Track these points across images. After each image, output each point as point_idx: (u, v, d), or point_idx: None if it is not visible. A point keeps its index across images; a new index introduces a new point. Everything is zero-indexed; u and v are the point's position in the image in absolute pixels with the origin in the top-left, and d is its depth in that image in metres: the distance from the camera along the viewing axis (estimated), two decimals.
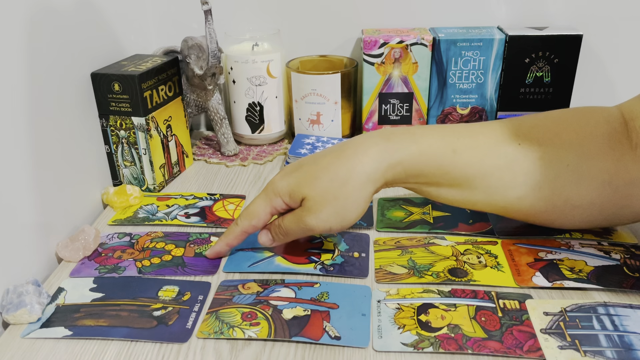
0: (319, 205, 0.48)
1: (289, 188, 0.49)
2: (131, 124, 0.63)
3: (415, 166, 0.49)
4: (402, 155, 0.49)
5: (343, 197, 0.48)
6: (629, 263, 0.50)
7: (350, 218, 0.49)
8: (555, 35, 0.72)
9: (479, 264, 0.51)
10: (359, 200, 0.49)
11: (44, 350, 0.43)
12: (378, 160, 0.48)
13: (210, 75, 0.71)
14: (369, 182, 0.48)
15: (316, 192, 0.48)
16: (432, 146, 0.49)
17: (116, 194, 0.63)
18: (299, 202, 0.49)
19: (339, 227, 0.49)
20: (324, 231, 0.49)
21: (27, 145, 0.51)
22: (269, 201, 0.50)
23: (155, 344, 0.43)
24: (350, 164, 0.48)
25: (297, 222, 0.49)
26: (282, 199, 0.50)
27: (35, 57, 0.52)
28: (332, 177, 0.48)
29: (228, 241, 0.52)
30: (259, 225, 0.51)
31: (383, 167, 0.48)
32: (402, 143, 0.49)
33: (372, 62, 0.75)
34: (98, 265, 0.53)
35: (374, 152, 0.49)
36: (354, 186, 0.48)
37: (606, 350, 0.41)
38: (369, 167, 0.48)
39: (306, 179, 0.49)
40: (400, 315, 0.45)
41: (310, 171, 0.49)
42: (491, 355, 0.41)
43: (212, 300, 0.47)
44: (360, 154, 0.49)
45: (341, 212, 0.48)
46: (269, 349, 0.42)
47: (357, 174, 0.48)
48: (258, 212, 0.50)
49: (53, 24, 0.55)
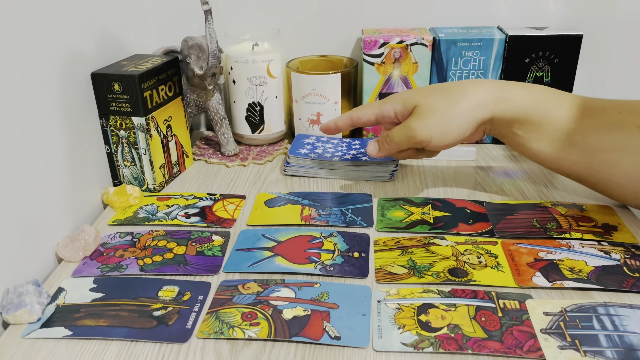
0: (428, 113, 0.54)
1: (403, 97, 0.56)
2: (131, 124, 0.63)
3: (522, 107, 0.53)
4: (513, 94, 0.54)
5: (452, 112, 0.53)
6: (629, 263, 0.50)
7: (452, 135, 0.54)
8: (555, 35, 0.72)
9: (479, 264, 0.51)
10: (465, 120, 0.54)
11: (44, 350, 0.43)
12: (491, 92, 0.54)
13: (210, 75, 0.71)
14: (479, 107, 0.53)
15: (428, 102, 0.54)
16: (541, 94, 0.54)
17: (116, 194, 0.63)
18: (410, 110, 0.55)
19: (438, 140, 0.54)
20: (424, 138, 0.54)
21: (27, 145, 0.51)
22: (380, 105, 0.58)
23: (155, 344, 0.43)
24: (466, 88, 0.55)
25: (404, 127, 0.55)
26: (393, 106, 0.56)
27: (36, 57, 0.52)
28: (447, 94, 0.54)
29: (337, 121, 0.62)
30: (363, 118, 0.59)
31: (494, 98, 0.53)
32: (513, 86, 0.55)
33: (372, 62, 0.75)
34: (100, 265, 0.53)
35: (488, 85, 0.55)
36: (465, 106, 0.53)
37: (606, 350, 0.41)
38: (482, 94, 0.54)
39: (422, 91, 0.56)
40: (401, 315, 0.45)
41: (428, 88, 0.57)
42: (491, 355, 0.41)
43: (212, 300, 0.48)
44: (476, 84, 0.55)
45: (445, 125, 0.54)
46: (269, 349, 0.42)
47: (470, 97, 0.54)
48: (367, 109, 0.58)
49: (53, 24, 0.55)
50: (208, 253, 0.54)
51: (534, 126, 0.53)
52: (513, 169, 0.70)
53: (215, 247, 0.55)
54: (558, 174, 0.58)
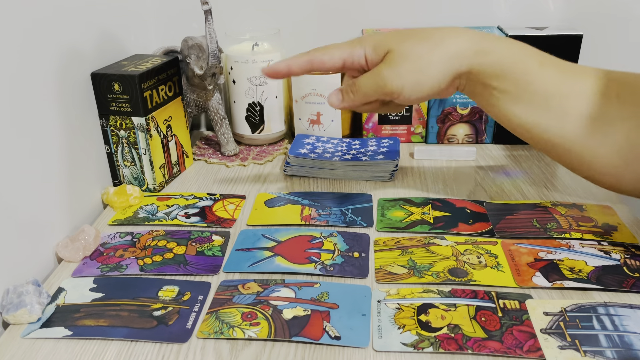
0: (402, 59, 0.48)
1: (377, 41, 0.49)
2: (131, 124, 0.63)
3: (503, 61, 0.49)
4: (494, 47, 0.49)
5: (427, 60, 0.48)
6: (629, 263, 0.50)
7: (425, 85, 0.49)
8: (555, 35, 0.72)
9: (479, 264, 0.51)
10: (440, 70, 0.48)
11: (44, 350, 0.43)
12: (471, 41, 0.49)
13: (210, 75, 0.71)
14: (457, 57, 0.48)
15: (403, 47, 0.48)
16: (522, 51, 0.49)
17: (116, 194, 0.63)
18: (382, 55, 0.49)
19: (409, 90, 0.49)
20: (395, 88, 0.49)
21: (27, 145, 0.51)
22: (349, 47, 0.50)
23: (155, 344, 0.43)
24: (445, 34, 0.49)
25: (373, 75, 0.49)
26: (364, 49, 0.50)
27: (36, 57, 0.52)
28: (423, 39, 0.48)
29: (290, 63, 0.51)
30: (327, 63, 0.50)
31: (474, 49, 0.49)
32: (497, 39, 0.50)
33: None
34: (100, 265, 0.53)
35: (470, 34, 0.49)
36: (441, 54, 0.48)
37: (606, 350, 0.41)
38: (461, 43, 0.48)
39: (396, 35, 0.50)
40: (400, 315, 0.45)
41: (403, 32, 0.50)
42: (491, 355, 0.41)
43: (212, 300, 0.48)
44: (457, 31, 0.49)
45: (419, 74, 0.48)
46: (269, 349, 0.42)
47: (449, 44, 0.48)
48: (333, 51, 0.50)
49: (53, 24, 0.55)
50: (208, 253, 0.54)
51: (512, 84, 0.49)
52: (513, 169, 0.70)
53: (215, 247, 0.55)
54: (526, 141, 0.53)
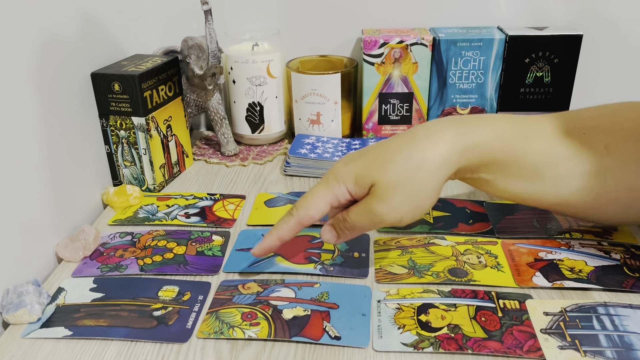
0: (391, 191, 0.44)
1: (355, 173, 0.45)
2: (131, 124, 0.63)
3: (490, 151, 0.47)
4: (478, 139, 0.46)
5: (417, 182, 0.45)
6: (629, 263, 0.50)
7: (424, 206, 0.46)
8: (555, 35, 0.72)
9: (479, 264, 0.51)
10: (433, 185, 0.45)
11: (44, 350, 0.43)
12: (453, 143, 0.46)
13: (210, 75, 0.71)
14: (444, 166, 0.45)
15: (388, 177, 0.44)
16: (507, 130, 0.47)
17: (116, 194, 0.63)
18: (367, 189, 0.45)
19: (410, 217, 0.45)
20: (394, 222, 0.45)
21: (27, 145, 0.51)
22: (330, 189, 0.46)
23: (155, 344, 0.43)
24: (424, 146, 0.45)
25: (366, 212, 0.45)
26: (346, 186, 0.45)
27: (35, 57, 0.52)
28: (405, 161, 0.45)
29: (280, 234, 0.48)
30: (316, 216, 0.47)
31: (459, 151, 0.46)
32: (477, 127, 0.47)
33: (372, 62, 0.75)
34: (100, 265, 0.53)
35: (449, 134, 0.46)
36: (429, 170, 0.45)
37: (606, 350, 0.41)
38: (444, 150, 0.45)
39: (375, 162, 0.45)
40: (400, 315, 0.45)
41: (379, 154, 0.46)
42: (491, 355, 0.41)
43: (212, 300, 0.48)
44: (434, 136, 0.46)
45: (415, 199, 0.45)
46: (269, 349, 0.42)
47: (432, 157, 0.45)
48: (317, 201, 0.46)
49: (53, 24, 0.55)
50: (208, 253, 0.54)
51: (500, 167, 0.47)
52: None
53: (215, 247, 0.55)
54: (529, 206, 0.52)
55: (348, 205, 0.47)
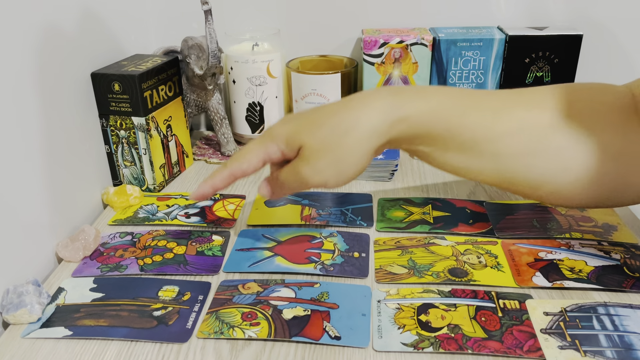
0: (317, 155, 0.45)
1: (287, 134, 0.47)
2: (131, 124, 0.63)
3: (422, 124, 0.46)
4: (410, 111, 0.46)
5: (343, 148, 0.45)
6: (629, 263, 0.50)
7: (348, 173, 0.47)
8: (555, 35, 0.72)
9: (479, 264, 0.51)
10: (359, 153, 0.46)
11: (44, 350, 0.43)
12: (385, 113, 0.46)
13: (210, 75, 0.71)
14: (373, 136, 0.46)
15: (315, 140, 0.46)
16: (441, 104, 0.47)
17: (116, 194, 0.63)
18: (296, 150, 0.46)
19: (334, 182, 0.47)
20: (318, 184, 0.47)
21: (27, 145, 0.51)
22: (263, 147, 0.48)
23: (155, 344, 0.43)
24: (355, 114, 0.46)
25: (293, 173, 0.47)
26: (277, 145, 0.47)
27: (36, 57, 0.52)
28: (334, 126, 0.45)
29: (214, 183, 0.50)
30: (248, 170, 0.49)
31: (389, 121, 0.46)
32: (410, 99, 0.47)
33: (372, 62, 0.75)
34: (100, 265, 0.53)
35: (381, 104, 0.46)
36: (357, 137, 0.45)
37: (606, 350, 0.41)
38: (375, 119, 0.46)
39: (306, 125, 0.46)
40: (400, 315, 0.45)
41: (311, 118, 0.47)
42: (491, 355, 0.41)
43: (212, 300, 0.48)
44: (366, 105, 0.46)
45: (339, 165, 0.46)
46: (269, 349, 0.42)
47: (362, 125, 0.45)
48: (249, 156, 0.48)
49: (53, 24, 0.55)
50: (208, 253, 0.54)
51: (436, 140, 0.47)
52: None
53: (215, 247, 0.55)
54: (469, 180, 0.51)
55: (283, 163, 0.48)
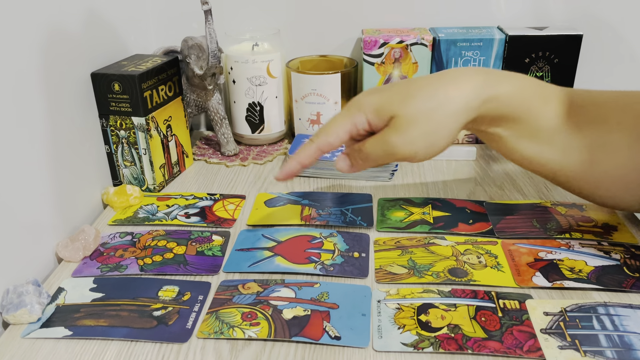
0: (409, 125, 0.45)
1: (377, 104, 0.47)
2: (131, 124, 0.63)
3: (508, 105, 0.48)
4: (500, 91, 0.47)
5: (436, 120, 0.46)
6: (629, 263, 0.50)
7: (439, 145, 0.47)
8: (555, 35, 0.72)
9: (479, 264, 0.51)
10: (451, 127, 0.47)
11: (44, 350, 0.43)
12: (477, 90, 0.47)
13: (210, 75, 0.71)
14: (464, 111, 0.47)
15: (408, 111, 0.46)
16: (528, 88, 0.48)
17: (116, 194, 0.63)
18: (387, 120, 0.46)
19: (424, 154, 0.47)
20: (408, 155, 0.47)
21: (27, 145, 0.51)
22: (350, 118, 0.47)
23: (155, 344, 0.43)
24: (449, 88, 0.47)
25: (381, 142, 0.47)
26: (366, 116, 0.47)
27: (36, 57, 0.52)
28: (428, 98, 0.46)
29: (301, 159, 0.49)
30: (335, 143, 0.48)
31: (481, 98, 0.47)
32: (502, 80, 0.48)
33: (372, 62, 0.75)
34: (100, 265, 0.53)
35: (474, 82, 0.47)
36: (450, 111, 0.46)
37: (606, 350, 0.41)
38: (467, 96, 0.47)
39: (398, 96, 0.47)
40: (400, 315, 0.45)
41: (403, 89, 0.47)
42: (491, 355, 0.41)
43: (212, 300, 0.48)
44: (460, 80, 0.47)
45: (431, 137, 0.46)
46: (269, 349, 0.42)
47: (455, 100, 0.46)
48: (336, 128, 0.48)
49: (53, 24, 0.55)
50: (208, 253, 0.54)
51: (516, 124, 0.49)
52: (513, 169, 0.70)
53: (215, 247, 0.55)
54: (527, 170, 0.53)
55: (364, 138, 0.48)
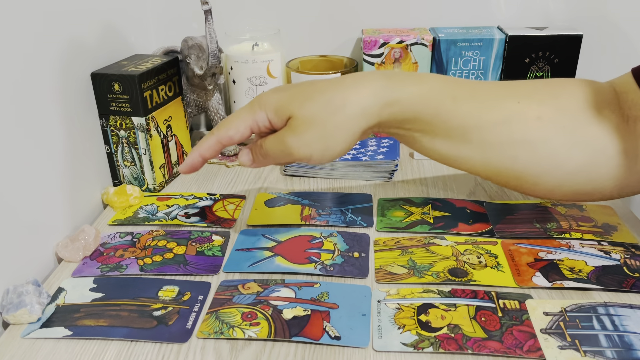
0: (305, 127, 0.46)
1: (277, 103, 0.47)
2: (131, 124, 0.63)
3: (413, 108, 0.47)
4: (402, 95, 0.47)
5: (332, 125, 0.46)
6: (629, 263, 0.50)
7: (334, 150, 0.47)
8: (555, 35, 0.72)
9: (479, 264, 0.51)
10: (347, 132, 0.46)
11: (44, 350, 0.43)
12: (376, 95, 0.46)
13: (210, 75, 0.71)
14: (363, 116, 0.46)
15: (305, 112, 0.46)
16: (433, 89, 0.48)
17: (116, 194, 0.63)
18: (285, 120, 0.47)
19: (318, 157, 0.47)
20: (303, 157, 0.47)
21: (27, 145, 0.51)
22: (252, 114, 0.48)
23: (155, 344, 0.43)
24: (348, 92, 0.46)
25: (278, 142, 0.47)
26: (266, 114, 0.47)
27: (36, 57, 0.52)
28: (326, 101, 0.46)
29: (201, 151, 0.49)
30: (235, 137, 0.48)
31: (380, 104, 0.46)
32: (403, 83, 0.48)
33: (372, 62, 0.75)
34: (100, 265, 0.53)
35: (374, 86, 0.47)
36: (347, 115, 0.46)
37: (606, 350, 0.41)
38: (365, 100, 0.46)
39: (297, 97, 0.47)
40: (400, 315, 0.45)
41: (303, 91, 0.47)
42: (491, 355, 0.41)
43: (212, 300, 0.48)
44: (359, 85, 0.47)
45: (326, 140, 0.46)
46: (269, 349, 0.42)
47: (352, 104, 0.46)
48: (237, 123, 0.48)
49: (53, 24, 0.55)
50: (208, 253, 0.54)
51: (426, 125, 0.48)
52: None
53: (215, 247, 0.55)
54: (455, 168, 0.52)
55: (268, 134, 0.48)
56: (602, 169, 0.48)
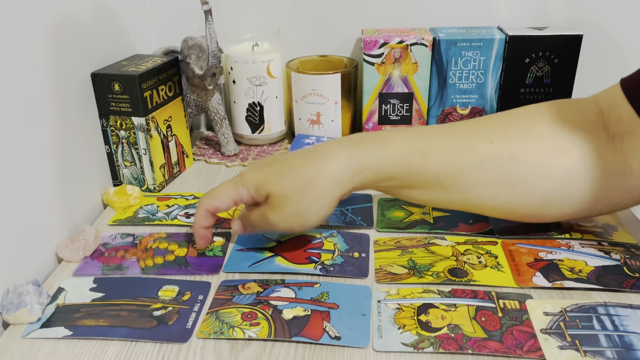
0: (283, 204, 0.49)
1: (256, 182, 0.50)
2: (131, 124, 0.63)
3: (383, 170, 0.49)
4: (370, 161, 0.49)
5: (307, 199, 0.49)
6: (629, 263, 0.50)
7: (312, 220, 0.50)
8: (555, 35, 0.72)
9: (479, 264, 0.51)
10: (322, 203, 0.49)
11: (44, 350, 0.43)
12: (346, 166, 0.49)
13: (211, 75, 0.71)
14: (335, 187, 0.49)
15: (281, 190, 0.49)
16: (400, 149, 0.50)
17: (116, 194, 0.63)
18: (264, 197, 0.50)
19: (299, 228, 0.50)
20: (285, 229, 0.50)
21: (27, 145, 0.51)
22: (236, 190, 0.51)
23: (155, 344, 0.43)
24: (319, 166, 0.49)
25: (261, 217, 0.50)
26: (248, 191, 0.51)
27: (36, 57, 0.52)
28: (299, 178, 0.49)
29: (200, 223, 0.53)
30: (221, 207, 0.52)
31: (350, 172, 0.49)
32: (370, 148, 0.50)
33: (372, 62, 0.75)
34: (101, 265, 0.53)
35: (342, 157, 0.49)
36: (320, 189, 0.49)
37: (606, 351, 0.41)
38: (336, 172, 0.49)
39: (274, 176, 0.50)
40: (401, 315, 0.45)
41: (279, 169, 0.50)
42: (491, 355, 0.41)
43: (212, 300, 0.48)
44: (329, 158, 0.49)
45: (303, 213, 0.49)
46: (269, 349, 0.42)
47: (324, 178, 0.49)
48: (222, 196, 0.52)
49: (53, 24, 0.55)
50: (209, 254, 0.54)
51: (400, 180, 0.50)
52: None
53: (216, 248, 0.55)
54: None
55: (255, 203, 0.52)
56: (588, 191, 0.48)
